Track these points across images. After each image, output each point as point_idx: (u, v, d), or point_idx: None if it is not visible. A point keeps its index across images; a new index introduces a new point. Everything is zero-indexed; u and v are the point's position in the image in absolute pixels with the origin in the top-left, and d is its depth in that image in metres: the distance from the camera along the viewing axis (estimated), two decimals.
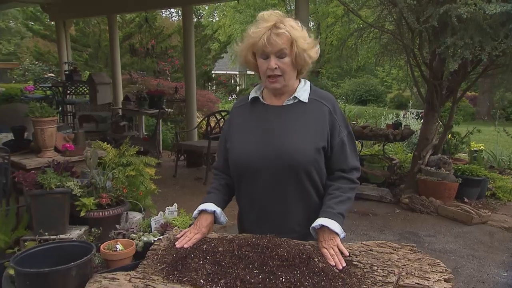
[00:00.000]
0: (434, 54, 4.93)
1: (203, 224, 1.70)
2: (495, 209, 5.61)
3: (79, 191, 3.38)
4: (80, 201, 3.34)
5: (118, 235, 1.95)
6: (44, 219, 3.22)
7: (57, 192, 3.19)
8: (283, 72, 1.62)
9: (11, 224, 3.19)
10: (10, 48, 27.91)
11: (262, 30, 1.59)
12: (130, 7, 9.06)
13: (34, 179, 3.14)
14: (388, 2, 4.57)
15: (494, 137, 8.34)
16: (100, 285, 1.40)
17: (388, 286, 1.43)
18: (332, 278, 1.43)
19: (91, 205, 3.37)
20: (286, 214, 1.73)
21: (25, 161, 3.79)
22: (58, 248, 1.54)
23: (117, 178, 3.71)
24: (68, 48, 11.16)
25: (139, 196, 3.96)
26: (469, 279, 3.78)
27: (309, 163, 1.67)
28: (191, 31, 7.99)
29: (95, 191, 3.52)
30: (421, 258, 1.57)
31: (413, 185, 5.70)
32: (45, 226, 3.23)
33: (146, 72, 13.04)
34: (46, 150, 3.92)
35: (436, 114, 5.64)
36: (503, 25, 4.06)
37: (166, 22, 20.73)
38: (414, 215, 5.34)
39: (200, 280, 1.43)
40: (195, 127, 8.09)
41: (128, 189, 3.81)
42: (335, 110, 1.73)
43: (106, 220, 3.38)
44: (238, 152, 1.73)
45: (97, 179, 3.56)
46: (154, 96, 7.79)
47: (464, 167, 5.82)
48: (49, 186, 3.15)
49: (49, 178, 3.16)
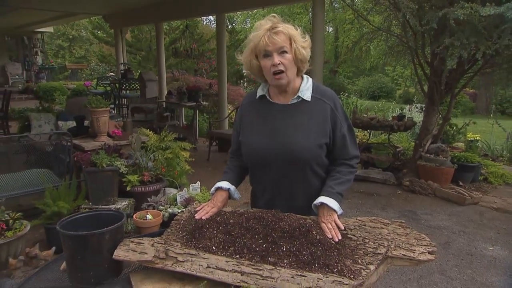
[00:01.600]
0: (435, 54, 4.75)
1: (219, 200, 1.68)
2: (486, 191, 5.41)
3: (125, 170, 3.43)
4: (126, 178, 3.40)
5: (148, 207, 1.96)
6: (97, 192, 3.30)
7: (107, 170, 3.25)
8: (286, 68, 1.53)
9: (72, 195, 3.28)
10: (81, 52, 28.74)
11: (262, 32, 1.52)
12: (174, 15, 9.10)
13: (89, 158, 3.21)
14: (393, 8, 4.39)
15: (489, 128, 8.04)
16: (128, 248, 1.40)
17: (378, 257, 1.39)
18: (328, 249, 1.39)
19: (135, 181, 3.43)
20: (292, 199, 1.69)
21: (84, 144, 3.88)
22: (97, 216, 1.55)
23: (157, 159, 3.75)
24: (124, 51, 11.35)
25: (175, 175, 4.00)
26: (459, 252, 3.66)
27: (312, 159, 1.61)
28: (223, 35, 7.94)
29: (139, 170, 3.57)
30: (408, 233, 1.50)
31: (414, 170, 5.56)
32: (98, 197, 3.31)
33: (187, 71, 13.12)
34: (100, 135, 4.00)
35: (436, 108, 5.46)
36: (496, 27, 3.85)
37: (206, 29, 20.74)
38: (414, 196, 5.21)
39: (212, 247, 1.42)
40: (225, 117, 8.08)
41: (166, 169, 3.85)
42: (336, 107, 1.64)
43: (148, 194, 3.43)
44: (250, 146, 1.68)
45: (140, 160, 3.61)
46: (192, 91, 7.81)
47: (460, 155, 5.62)
48: (101, 164, 3.22)
49: (101, 158, 3.22)
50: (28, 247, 3.04)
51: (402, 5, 3.99)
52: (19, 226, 3.02)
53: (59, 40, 28.50)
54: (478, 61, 4.76)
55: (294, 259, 1.34)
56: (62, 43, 28.71)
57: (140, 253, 1.38)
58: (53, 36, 26.84)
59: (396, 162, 6.13)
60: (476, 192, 5.17)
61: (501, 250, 3.71)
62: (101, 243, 1.37)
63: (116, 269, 1.43)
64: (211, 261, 1.35)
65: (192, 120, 7.91)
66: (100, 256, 1.37)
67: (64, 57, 28.30)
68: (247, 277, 1.29)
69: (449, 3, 4.03)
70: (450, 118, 5.86)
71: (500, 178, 5.84)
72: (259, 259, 1.35)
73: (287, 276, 1.28)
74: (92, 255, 1.35)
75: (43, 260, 2.99)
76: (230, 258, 1.36)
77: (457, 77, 5.08)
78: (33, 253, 2.94)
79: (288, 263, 1.33)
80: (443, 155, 5.35)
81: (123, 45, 11.28)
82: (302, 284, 1.25)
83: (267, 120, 1.66)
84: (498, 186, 5.69)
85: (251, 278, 1.28)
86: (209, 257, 1.37)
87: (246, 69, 1.66)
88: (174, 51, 9.53)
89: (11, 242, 2.88)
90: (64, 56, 28.60)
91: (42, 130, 5.54)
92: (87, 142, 3.96)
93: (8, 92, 7.94)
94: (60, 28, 26.32)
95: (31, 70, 16.80)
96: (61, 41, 28.66)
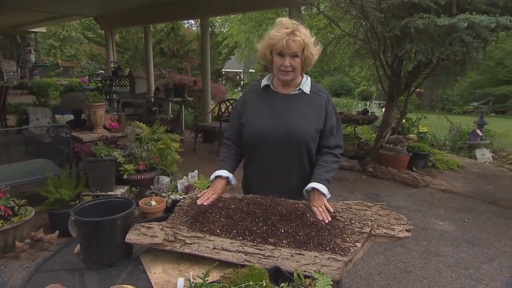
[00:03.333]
0: (395, 57, 4.81)
1: (218, 187, 1.64)
2: (435, 176, 5.57)
3: (122, 159, 3.32)
4: (123, 167, 3.30)
5: (152, 194, 1.89)
6: (96, 180, 3.18)
7: (106, 159, 3.14)
8: (293, 68, 1.56)
9: (73, 183, 3.16)
10: (72, 51, 27.61)
11: (282, 34, 1.50)
12: (161, 18, 8.83)
13: (88, 149, 3.09)
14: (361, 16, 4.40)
15: (435, 122, 8.29)
16: (139, 232, 1.34)
17: (363, 235, 1.39)
18: (320, 229, 1.38)
19: (131, 170, 3.33)
20: (286, 179, 1.67)
21: (82, 135, 3.73)
22: (106, 203, 1.47)
23: (150, 150, 3.65)
24: (114, 51, 10.95)
25: (167, 164, 3.90)
26: (415, 227, 3.76)
27: (310, 140, 1.62)
28: (207, 37, 7.78)
29: (134, 159, 3.47)
30: (388, 214, 1.51)
31: (376, 158, 5.65)
32: (97, 185, 3.20)
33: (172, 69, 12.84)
34: (97, 127, 3.85)
35: (395, 104, 5.55)
36: (448, 35, 3.92)
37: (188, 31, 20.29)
38: (377, 180, 5.30)
39: (216, 230, 1.38)
40: (209, 111, 7.97)
41: (159, 158, 3.76)
42: (328, 101, 1.67)
43: (143, 181, 3.35)
44: (253, 126, 1.64)
45: (135, 150, 3.50)
46: (178, 87, 7.63)
47: (414, 144, 5.76)
48: (100, 155, 3.10)
49: (100, 149, 3.10)
50: (33, 231, 2.91)
51: (370, 13, 4.00)
52: (24, 212, 2.88)
53: (50, 39, 27.22)
54: (430, 64, 4.87)
55: (291, 240, 1.33)
56: (54, 42, 27.45)
57: (151, 237, 1.32)
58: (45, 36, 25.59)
59: (360, 151, 6.23)
60: (427, 176, 5.33)
61: (449, 225, 3.85)
62: (114, 228, 1.30)
63: (127, 252, 1.37)
64: (217, 243, 1.31)
65: (178, 114, 7.75)
66: (113, 240, 1.30)
67: (56, 56, 27.09)
68: (250, 257, 1.26)
69: (409, 14, 4.07)
70: (406, 113, 5.99)
71: (445, 164, 6.04)
72: (261, 240, 1.33)
73: (287, 255, 1.26)
74: (106, 239, 1.29)
75: (47, 243, 2.87)
76: (234, 240, 1.33)
77: (413, 77, 5.18)
78: (38, 237, 2.82)
79: (286, 243, 1.31)
80: (400, 145, 5.47)
81: (113, 45, 10.88)
82: (300, 262, 1.23)
83: (270, 105, 1.65)
84: (444, 171, 5.88)
85: (254, 258, 1.25)
86: (214, 239, 1.33)
87: (260, 57, 1.65)
88: (161, 51, 9.26)
89: (17, 227, 2.75)
90: (56, 54, 27.38)
91: (39, 123, 5.30)
92: (85, 134, 3.80)
93: (5, 87, 7.51)
94: (52, 28, 25.12)
95: (25, 67, 16.02)
96: (53, 41, 27.39)
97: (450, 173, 5.76)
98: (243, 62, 23.69)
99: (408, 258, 3.12)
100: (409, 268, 2.97)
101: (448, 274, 2.89)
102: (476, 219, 4.02)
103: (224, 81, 15.52)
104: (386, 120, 5.63)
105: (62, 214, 3.04)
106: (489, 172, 5.92)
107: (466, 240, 3.51)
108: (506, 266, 3.03)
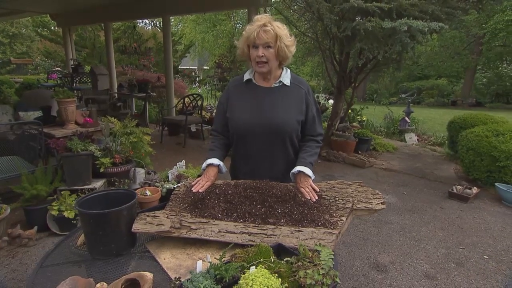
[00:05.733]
0: (343, 54, 4.96)
1: (211, 174, 1.59)
2: (376, 157, 5.89)
3: (99, 153, 3.12)
4: (99, 161, 3.10)
5: (145, 184, 1.79)
6: (73, 174, 2.96)
7: (82, 154, 2.92)
8: (268, 59, 1.51)
9: (49, 178, 2.89)
10: (23, 49, 24.98)
11: (254, 27, 1.48)
12: (122, 16, 8.27)
13: (64, 144, 2.85)
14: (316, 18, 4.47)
15: (371, 111, 8.74)
16: (146, 221, 1.27)
17: (347, 210, 1.43)
18: (311, 208, 1.40)
19: (108, 163, 3.14)
20: (272, 167, 1.66)
21: (54, 131, 3.41)
22: (106, 195, 1.37)
23: (123, 143, 3.46)
24: (73, 48, 10.08)
25: (142, 156, 3.74)
26: None
27: (292, 131, 1.60)
28: (169, 35, 7.44)
29: (110, 153, 3.27)
30: (366, 190, 1.57)
31: (328, 144, 5.82)
32: (74, 179, 2.98)
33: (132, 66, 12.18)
34: (68, 123, 3.56)
35: (343, 96, 5.75)
36: (390, 36, 4.13)
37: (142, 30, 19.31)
38: (330, 163, 5.47)
39: (218, 214, 1.35)
40: (174, 105, 7.70)
41: (133, 151, 3.58)
42: (309, 92, 1.65)
43: (119, 174, 3.18)
44: (238, 120, 1.61)
45: (111, 144, 3.30)
46: (142, 83, 7.26)
47: (359, 131, 6.02)
48: (76, 149, 2.88)
49: (76, 144, 2.87)
50: (9, 229, 2.64)
51: (325, 16, 4.09)
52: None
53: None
54: (372, 61, 5.10)
55: (288, 218, 1.34)
56: (3, 39, 24.64)
57: (158, 225, 1.26)
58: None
59: None
60: (371, 158, 5.63)
61: (392, 198, 4.12)
62: (120, 218, 1.22)
63: (133, 241, 1.30)
64: (221, 227, 1.28)
65: (143, 108, 7.40)
66: (120, 230, 1.22)
67: (5, 53, 24.36)
68: (254, 237, 1.25)
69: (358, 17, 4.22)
70: (353, 103, 6.24)
71: (383, 147, 6.41)
72: (261, 221, 1.32)
73: (287, 232, 1.27)
74: (112, 230, 1.20)
75: (26, 239, 2.62)
76: (237, 223, 1.31)
77: (358, 73, 5.39)
78: (16, 233, 2.56)
79: (284, 222, 1.32)
80: (348, 132, 5.70)
81: (71, 43, 10.00)
82: (300, 237, 1.25)
83: (253, 98, 1.61)
84: (383, 153, 6.24)
85: (257, 237, 1.25)
86: (218, 223, 1.30)
87: (240, 54, 1.59)
88: (124, 48, 8.72)
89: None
90: (5, 52, 24.62)
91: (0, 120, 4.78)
92: (56, 130, 3.49)
93: None
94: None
95: None
96: (1, 37, 24.57)
97: (388, 155, 6.13)
98: (197, 59, 23.16)
99: (364, 228, 3.30)
100: (366, 236, 3.15)
101: (397, 238, 3.11)
102: (412, 191, 4.34)
103: (181, 77, 15.03)
104: (336, 110, 5.82)
105: (39, 210, 2.79)
106: (416, 152, 6.40)
107: (407, 209, 3.78)
108: (439, 228, 3.32)
